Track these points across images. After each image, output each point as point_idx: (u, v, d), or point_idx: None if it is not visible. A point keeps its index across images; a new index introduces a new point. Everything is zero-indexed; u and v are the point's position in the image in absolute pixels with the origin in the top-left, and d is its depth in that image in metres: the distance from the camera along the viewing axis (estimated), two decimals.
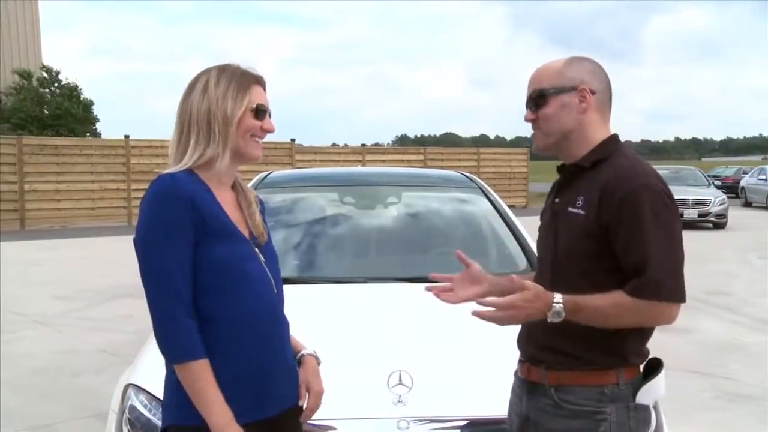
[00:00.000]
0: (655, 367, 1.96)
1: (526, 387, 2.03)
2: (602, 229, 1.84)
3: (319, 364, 2.08)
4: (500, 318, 1.81)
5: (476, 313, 1.82)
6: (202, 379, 1.77)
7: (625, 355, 1.91)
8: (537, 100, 1.98)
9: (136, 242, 1.80)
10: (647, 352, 1.97)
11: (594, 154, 1.95)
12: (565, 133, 1.97)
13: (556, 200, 2.02)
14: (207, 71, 1.94)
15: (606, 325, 1.83)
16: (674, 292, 1.81)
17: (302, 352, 2.07)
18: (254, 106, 1.91)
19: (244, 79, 1.92)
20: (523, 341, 2.06)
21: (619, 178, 1.85)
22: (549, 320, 1.80)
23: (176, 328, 1.76)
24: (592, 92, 1.95)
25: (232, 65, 1.95)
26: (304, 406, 2.01)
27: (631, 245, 1.80)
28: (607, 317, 1.81)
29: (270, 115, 1.97)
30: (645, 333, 1.94)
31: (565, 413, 1.91)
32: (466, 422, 2.32)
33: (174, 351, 1.78)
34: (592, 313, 1.81)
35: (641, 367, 1.96)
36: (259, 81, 1.97)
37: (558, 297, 1.80)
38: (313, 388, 2.02)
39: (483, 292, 2.06)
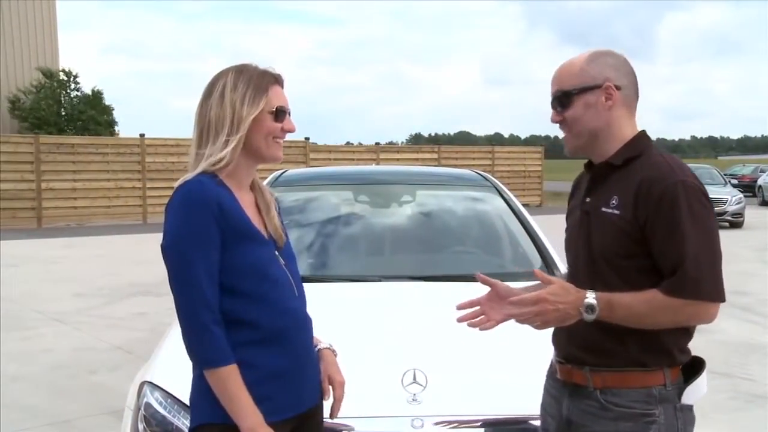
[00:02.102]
0: (694, 366, 1.92)
1: (567, 389, 1.98)
2: (639, 228, 1.81)
3: (335, 356, 2.10)
4: (530, 314, 1.79)
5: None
6: (232, 383, 1.78)
7: (672, 353, 1.88)
8: (561, 100, 1.93)
9: (164, 248, 1.80)
10: (690, 351, 1.93)
11: (625, 151, 1.91)
12: (594, 132, 1.92)
13: (587, 200, 1.97)
14: (224, 73, 1.92)
15: (640, 324, 1.80)
16: (712, 291, 1.78)
17: (319, 346, 2.08)
18: (274, 108, 1.90)
19: (261, 81, 1.91)
20: (562, 342, 2.01)
21: (654, 175, 1.81)
22: (584, 317, 1.78)
23: (206, 335, 1.77)
24: (618, 88, 1.90)
25: (249, 66, 1.94)
26: (331, 399, 2.02)
27: (668, 243, 1.78)
28: (641, 316, 1.79)
29: (290, 115, 1.96)
30: (690, 331, 1.91)
31: (613, 415, 1.86)
32: (480, 421, 2.32)
33: (204, 357, 1.80)
34: (626, 310, 1.78)
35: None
36: (278, 80, 1.95)
37: (591, 292, 1.79)
38: (335, 379, 2.04)
39: (517, 313, 1.89)
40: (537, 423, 2.29)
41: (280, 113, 1.92)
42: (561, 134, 2.01)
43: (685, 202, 1.77)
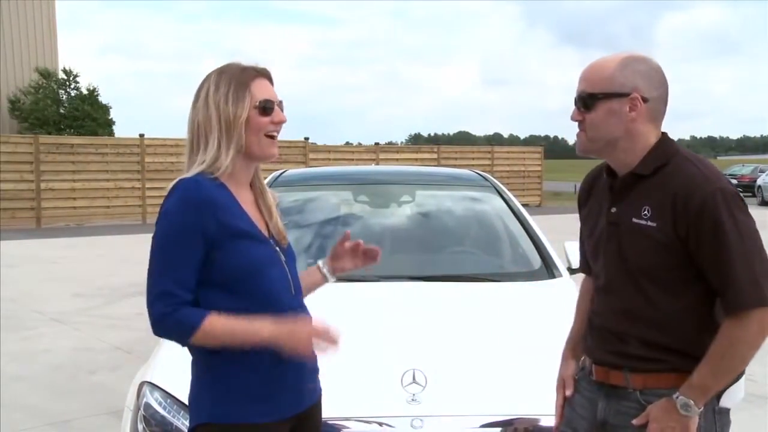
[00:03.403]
0: None
1: (603, 391, 1.95)
2: (680, 241, 1.78)
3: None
4: None
5: None
6: (223, 326, 1.77)
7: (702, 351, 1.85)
8: (585, 101, 1.88)
9: (153, 238, 1.82)
10: None
11: (652, 159, 1.86)
12: (611, 140, 1.87)
13: (613, 209, 1.92)
14: (208, 77, 1.91)
15: (741, 366, 1.78)
16: (762, 295, 1.72)
17: (323, 268, 2.21)
18: (257, 103, 1.87)
19: (243, 77, 1.88)
20: (595, 349, 1.99)
21: (690, 185, 1.77)
22: (691, 414, 1.77)
23: (171, 316, 1.75)
24: (645, 100, 1.84)
25: (231, 65, 1.92)
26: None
27: (715, 257, 1.74)
28: (731, 360, 1.75)
29: (280, 106, 1.93)
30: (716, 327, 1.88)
31: None
32: (479, 421, 2.32)
33: (180, 331, 1.78)
34: (715, 373, 1.76)
35: None
36: (262, 73, 1.92)
37: (681, 398, 1.77)
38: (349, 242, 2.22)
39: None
40: (537, 422, 2.30)
41: (266, 107, 1.88)
42: (568, 132, 2.00)
43: (726, 211, 1.74)
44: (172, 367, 2.41)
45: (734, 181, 28.00)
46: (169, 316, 1.76)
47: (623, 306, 1.89)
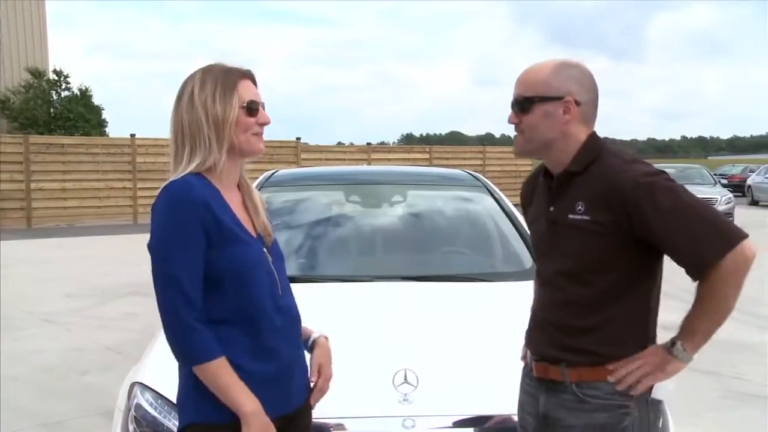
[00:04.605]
0: None
1: (543, 386, 2.03)
2: (621, 232, 1.85)
3: (329, 345, 2.12)
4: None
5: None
6: (223, 375, 1.78)
7: (648, 342, 1.95)
8: (522, 104, 1.97)
9: (149, 248, 1.81)
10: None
11: (583, 157, 1.95)
12: (546, 142, 1.97)
13: (551, 209, 2.00)
14: (192, 77, 1.91)
15: (726, 316, 1.88)
16: (732, 235, 1.80)
17: (313, 337, 2.10)
18: (244, 103, 1.89)
19: (228, 78, 1.89)
20: (539, 343, 2.06)
21: (617, 175, 1.86)
22: (679, 357, 1.87)
23: (189, 333, 1.77)
24: (577, 103, 1.93)
25: (215, 66, 1.93)
26: (313, 386, 2.03)
27: (668, 229, 1.81)
28: (716, 312, 1.87)
29: (264, 107, 1.95)
30: (655, 317, 1.98)
31: (589, 407, 1.92)
32: (471, 420, 2.32)
33: (190, 355, 1.79)
34: (706, 323, 1.88)
35: None
36: (246, 75, 1.94)
37: (675, 340, 1.88)
38: (324, 372, 2.05)
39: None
40: None
41: (252, 107, 1.90)
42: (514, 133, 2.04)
43: (658, 187, 1.82)
44: (163, 368, 2.40)
45: (724, 181, 28.15)
46: (193, 330, 1.77)
47: (562, 298, 1.97)
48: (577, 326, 1.93)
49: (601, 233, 1.87)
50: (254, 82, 1.96)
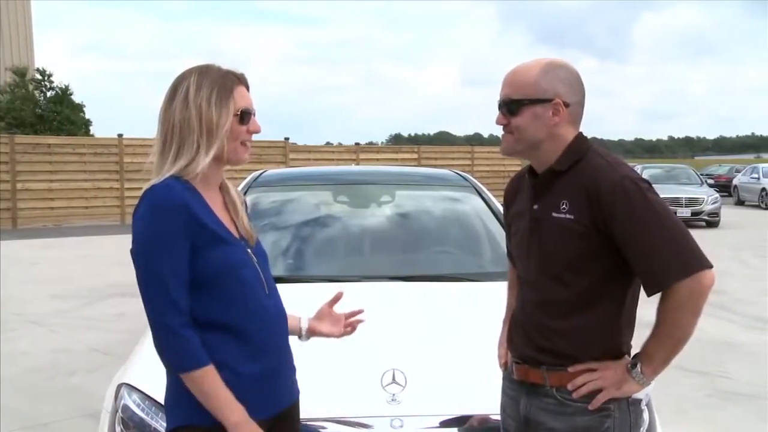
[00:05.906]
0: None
1: (524, 389, 2.03)
2: (600, 233, 1.85)
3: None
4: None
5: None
6: (210, 383, 1.77)
7: (621, 350, 1.95)
8: (510, 106, 1.96)
9: (132, 253, 1.79)
10: (631, 349, 2.00)
11: (568, 156, 1.95)
12: (535, 143, 1.96)
13: (535, 207, 2.00)
14: (187, 75, 1.88)
15: (682, 343, 1.87)
16: (695, 260, 1.79)
17: (303, 325, 2.18)
18: (238, 111, 1.87)
19: (226, 82, 1.87)
20: (518, 343, 2.06)
21: (599, 176, 1.86)
22: (640, 385, 1.89)
23: (177, 340, 1.75)
24: (566, 105, 1.93)
25: (212, 67, 1.90)
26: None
27: (636, 240, 1.81)
28: (670, 338, 1.86)
29: (255, 114, 1.93)
30: (631, 326, 1.98)
31: (571, 411, 1.92)
32: (459, 420, 2.32)
33: (178, 362, 1.78)
34: (663, 348, 1.87)
35: None
36: (241, 80, 1.92)
37: (634, 359, 1.90)
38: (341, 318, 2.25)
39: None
40: None
41: (244, 115, 1.89)
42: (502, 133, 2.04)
43: (636, 194, 1.82)
44: (151, 369, 2.38)
45: (711, 181, 28.30)
46: (180, 338, 1.75)
47: (544, 298, 1.97)
48: (553, 327, 1.93)
49: (582, 233, 1.87)
50: (247, 87, 1.95)
